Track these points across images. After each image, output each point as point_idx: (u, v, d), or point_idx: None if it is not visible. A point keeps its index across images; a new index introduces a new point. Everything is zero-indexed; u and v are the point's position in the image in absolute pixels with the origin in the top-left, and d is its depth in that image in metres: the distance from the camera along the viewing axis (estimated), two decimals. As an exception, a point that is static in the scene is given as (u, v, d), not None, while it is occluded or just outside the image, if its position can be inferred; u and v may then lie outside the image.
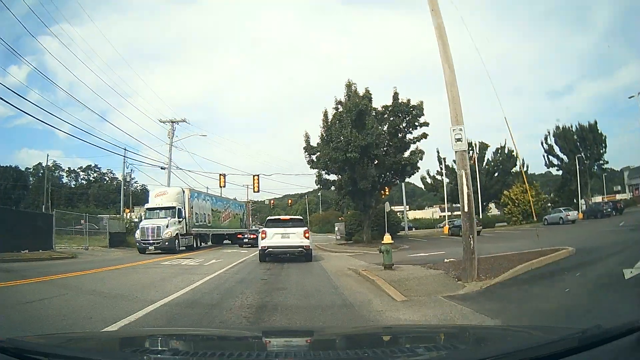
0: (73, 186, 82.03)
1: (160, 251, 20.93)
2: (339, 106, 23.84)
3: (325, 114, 24.39)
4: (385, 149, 23.85)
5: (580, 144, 47.05)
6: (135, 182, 70.53)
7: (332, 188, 26.81)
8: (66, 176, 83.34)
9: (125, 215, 39.21)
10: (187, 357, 2.00)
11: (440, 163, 45.21)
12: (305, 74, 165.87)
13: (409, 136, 24.66)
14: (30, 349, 1.75)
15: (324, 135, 24.14)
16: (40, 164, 70.38)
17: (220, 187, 37.63)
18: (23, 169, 71.85)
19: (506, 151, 46.34)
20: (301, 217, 18.65)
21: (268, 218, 17.09)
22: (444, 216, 56.07)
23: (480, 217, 38.72)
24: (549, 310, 5.61)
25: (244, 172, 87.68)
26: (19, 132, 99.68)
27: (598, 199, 55.06)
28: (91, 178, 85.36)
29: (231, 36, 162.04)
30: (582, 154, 45.74)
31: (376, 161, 23.26)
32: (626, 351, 1.56)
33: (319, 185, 26.24)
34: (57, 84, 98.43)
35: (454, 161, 45.70)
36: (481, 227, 30.98)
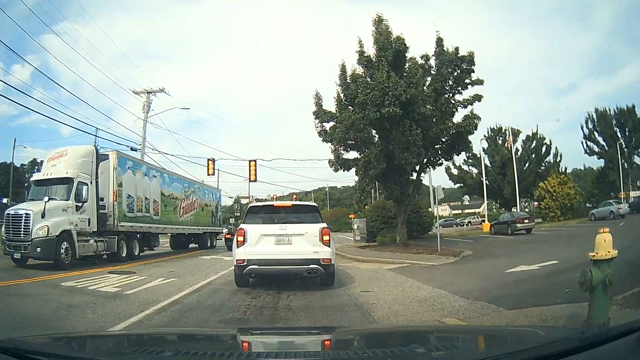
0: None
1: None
2: (363, 53, 16.79)
3: (343, 68, 17.28)
4: (431, 110, 16.41)
5: (619, 129, 42.34)
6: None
7: (353, 171, 18.61)
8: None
9: None
10: (187, 357, 1.89)
11: (466, 152, 38.09)
12: (306, 76, 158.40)
13: (457, 97, 17.60)
14: (30, 349, 1.74)
15: (342, 97, 17.23)
16: (35, 159, 67.86)
17: (209, 175, 28.76)
18: (19, 165, 67.67)
19: (538, 137, 40.63)
20: (314, 204, 10.36)
21: (251, 205, 9.38)
22: (453, 214, 49.45)
23: (519, 210, 34.98)
24: None
25: (236, 157, 76.99)
26: (23, 131, 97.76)
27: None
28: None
29: (233, 36, 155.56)
30: (622, 140, 41.34)
31: (419, 129, 15.68)
32: (626, 351, 1.54)
33: (333, 167, 17.90)
34: (60, 84, 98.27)
35: (483, 149, 40.40)
36: (534, 223, 25.83)
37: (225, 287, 8.38)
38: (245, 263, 7.52)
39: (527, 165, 40.27)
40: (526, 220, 24.30)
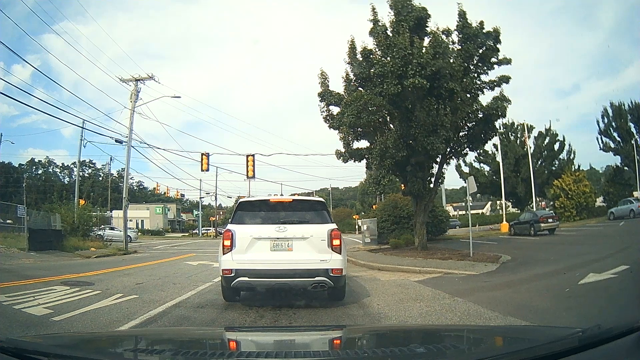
0: (66, 182, 78.62)
1: None
2: (377, 22, 14.55)
3: (352, 44, 15.02)
4: (459, 87, 14.22)
5: (634, 125, 40.73)
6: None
7: (364, 161, 16.63)
8: (59, 172, 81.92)
9: (81, 207, 25.18)
10: (187, 357, 1.89)
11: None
12: (308, 77, 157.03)
13: (483, 78, 15.65)
14: (30, 349, 1.75)
15: (352, 76, 15.39)
16: (33, 159, 67.20)
17: (203, 170, 28.10)
18: (17, 165, 69.73)
19: (551, 133, 39.60)
20: (321, 199, 7.66)
21: (240, 201, 7.48)
22: (455, 215, 49.29)
23: (535, 208, 34.19)
24: None
25: (232, 152, 75.99)
26: (25, 131, 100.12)
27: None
28: (86, 174, 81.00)
29: (234, 37, 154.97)
30: (637, 137, 39.81)
31: (447, 108, 13.78)
32: (626, 351, 1.54)
33: (342, 158, 16.00)
34: (60, 84, 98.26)
35: (494, 145, 39.71)
36: (558, 223, 23.98)
37: (196, 313, 6.30)
38: (232, 274, 6.13)
39: (539, 162, 39.15)
40: (550, 220, 22.63)
